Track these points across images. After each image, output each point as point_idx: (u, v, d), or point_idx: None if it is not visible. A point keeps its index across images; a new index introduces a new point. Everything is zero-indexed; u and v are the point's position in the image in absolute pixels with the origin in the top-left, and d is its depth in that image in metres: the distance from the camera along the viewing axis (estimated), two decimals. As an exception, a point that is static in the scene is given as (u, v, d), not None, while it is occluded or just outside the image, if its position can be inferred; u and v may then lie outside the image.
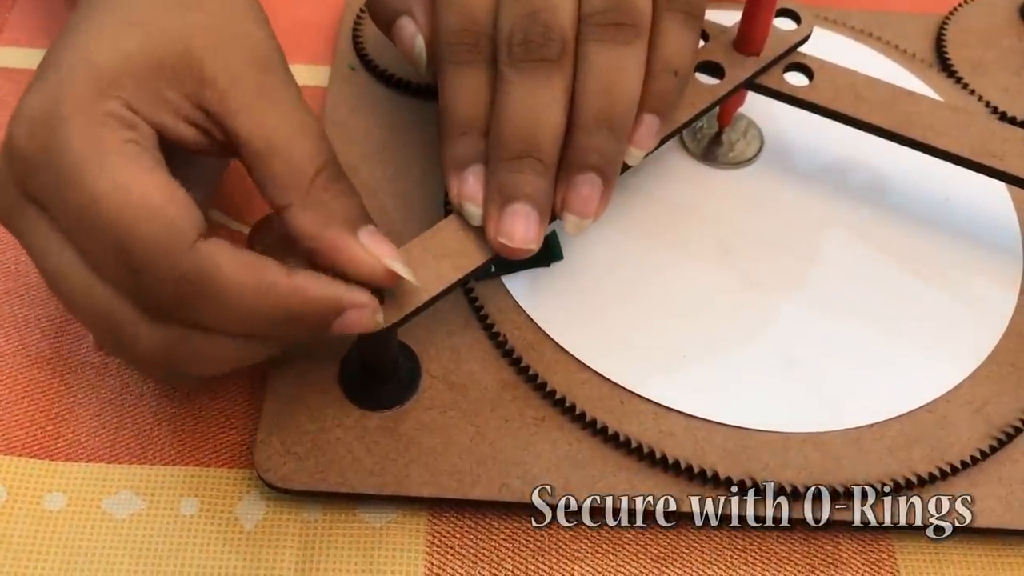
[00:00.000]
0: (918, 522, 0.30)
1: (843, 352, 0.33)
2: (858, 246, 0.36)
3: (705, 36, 0.35)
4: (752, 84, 0.35)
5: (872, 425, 0.32)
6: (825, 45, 0.40)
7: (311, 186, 0.27)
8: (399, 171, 0.38)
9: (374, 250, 0.27)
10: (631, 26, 0.29)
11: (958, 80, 0.42)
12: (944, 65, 0.42)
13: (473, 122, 0.30)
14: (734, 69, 0.34)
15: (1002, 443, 0.31)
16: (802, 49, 0.36)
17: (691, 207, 0.37)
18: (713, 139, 0.38)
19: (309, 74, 0.42)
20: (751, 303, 0.34)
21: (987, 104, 0.41)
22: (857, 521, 0.30)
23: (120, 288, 0.26)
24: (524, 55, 0.29)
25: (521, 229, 0.29)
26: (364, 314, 0.27)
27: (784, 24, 0.36)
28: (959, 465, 0.31)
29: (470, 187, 0.30)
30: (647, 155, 0.31)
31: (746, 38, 0.34)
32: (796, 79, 0.35)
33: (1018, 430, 0.32)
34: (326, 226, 0.27)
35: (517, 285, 0.34)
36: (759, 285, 0.35)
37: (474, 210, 0.29)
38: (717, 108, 0.37)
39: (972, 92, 0.41)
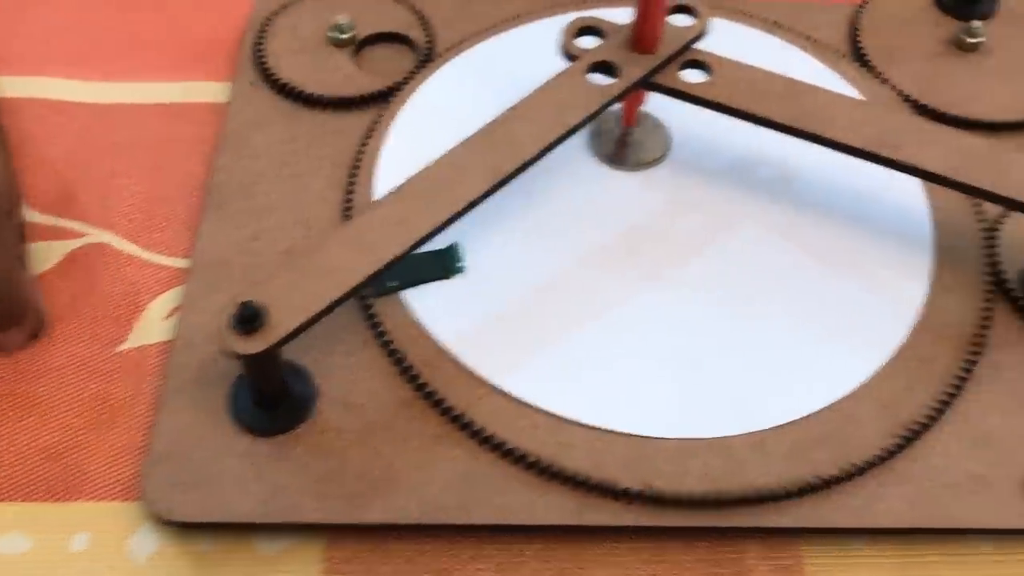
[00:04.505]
0: (824, 525, 0.30)
1: (749, 353, 0.32)
2: (767, 243, 0.35)
3: (601, 34, 0.35)
4: (648, 83, 0.34)
5: (777, 427, 0.31)
6: (735, 39, 0.40)
7: None
8: (298, 186, 0.37)
9: None
10: None
11: (871, 69, 0.41)
12: (858, 54, 0.42)
13: None
14: (628, 68, 0.34)
15: (908, 440, 0.31)
16: (705, 45, 0.35)
17: (598, 211, 0.36)
18: (619, 140, 0.38)
19: (212, 91, 0.41)
20: (655, 306, 0.33)
21: (900, 92, 0.40)
22: (762, 526, 0.30)
23: None
24: None
25: None
26: None
27: (682, 20, 0.35)
28: (864, 465, 0.30)
29: None
30: None
31: (640, 36, 0.33)
32: (694, 76, 0.34)
33: (925, 426, 0.31)
34: None
35: (418, 300, 0.33)
36: (665, 288, 0.34)
37: None
38: (620, 109, 0.37)
39: (885, 81, 0.40)
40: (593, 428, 0.31)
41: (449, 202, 0.30)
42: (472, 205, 0.31)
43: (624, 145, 0.38)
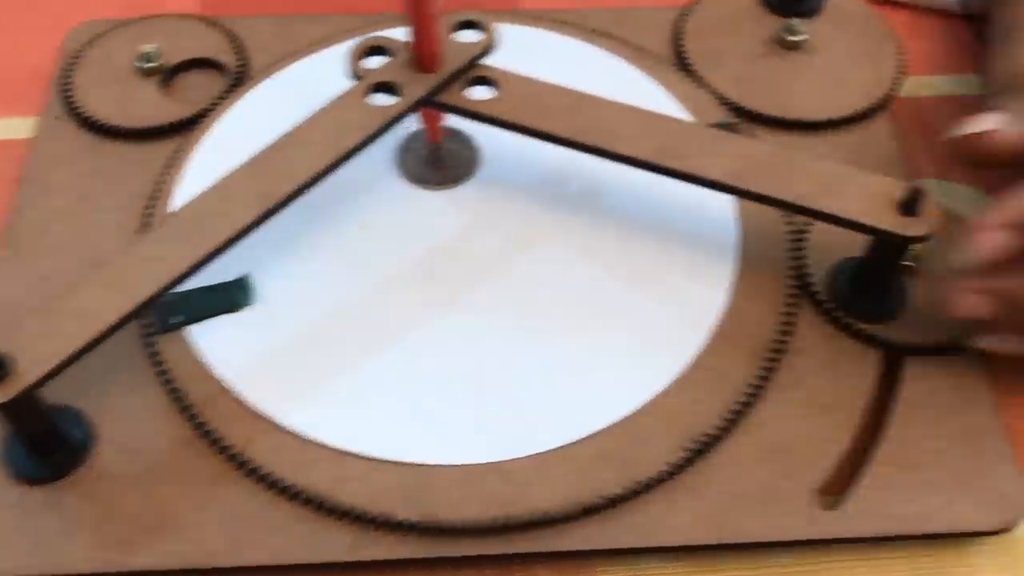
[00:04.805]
0: (612, 546, 0.29)
1: (538, 374, 0.32)
2: (568, 261, 0.35)
3: (386, 53, 0.34)
4: (431, 102, 0.33)
5: (561, 448, 0.30)
6: (552, 51, 0.39)
7: None
8: (95, 222, 0.36)
9: None
10: None
11: (692, 73, 0.41)
12: (679, 59, 0.41)
13: None
14: (409, 88, 0.33)
15: (698, 454, 0.30)
16: (520, 59, 0.34)
17: (399, 234, 0.35)
18: (426, 158, 0.37)
19: (23, 127, 0.40)
20: (446, 332, 0.33)
21: (719, 96, 0.40)
22: (549, 550, 0.29)
23: None
24: None
25: None
26: None
27: (469, 36, 0.34)
28: (649, 482, 0.30)
29: None
30: None
31: (419, 55, 0.33)
32: (482, 93, 0.34)
33: (715, 438, 0.31)
34: None
35: (203, 336, 0.32)
36: (458, 312, 0.33)
37: None
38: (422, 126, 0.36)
39: (706, 84, 0.40)
40: (372, 459, 0.30)
41: (212, 235, 0.30)
42: (240, 236, 0.30)
43: (431, 163, 0.37)
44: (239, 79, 0.40)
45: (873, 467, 0.31)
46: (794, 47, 0.41)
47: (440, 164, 0.37)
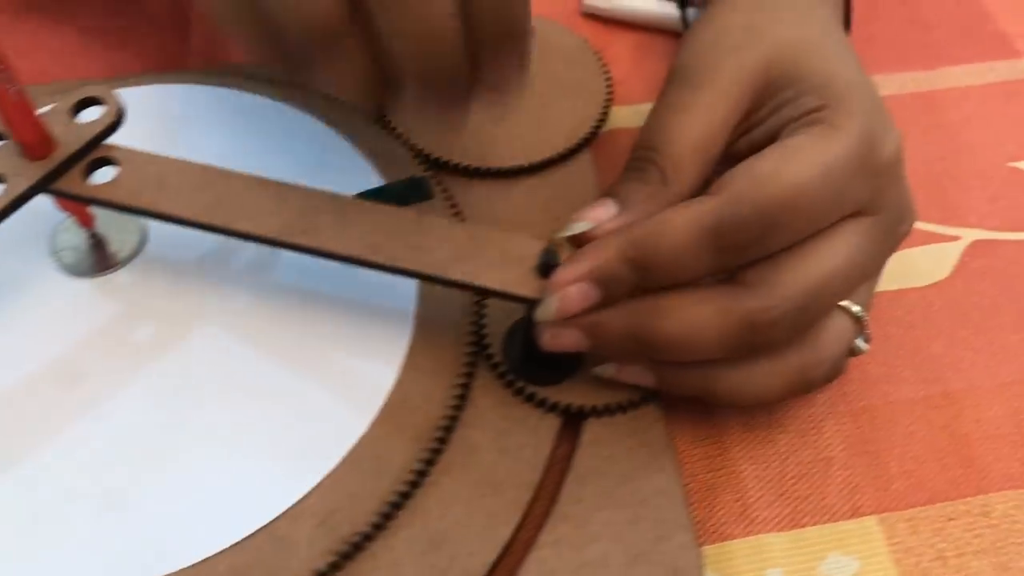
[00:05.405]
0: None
1: (180, 483, 0.29)
2: (229, 346, 0.32)
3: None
4: (46, 190, 0.30)
5: (201, 562, 0.28)
6: (230, 111, 0.37)
7: None
8: None
9: None
10: None
11: (386, 125, 0.38)
12: (378, 110, 0.39)
13: None
14: (15, 179, 0.30)
15: (347, 557, 0.28)
16: (199, 122, 0.31)
17: (47, 330, 0.32)
18: (87, 246, 0.34)
19: None
20: (79, 439, 0.30)
21: (415, 149, 0.37)
22: None
23: None
24: None
25: None
26: None
27: (92, 114, 0.31)
28: (289, 597, 0.27)
29: None
30: None
31: (21, 143, 0.30)
32: (106, 174, 0.31)
33: (368, 537, 0.28)
34: None
35: None
36: (97, 416, 0.30)
37: None
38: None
39: (401, 137, 0.38)
40: (-30, 602, 0.27)
41: None
42: None
43: (86, 250, 0.34)
44: None
45: (539, 550, 0.28)
46: (497, 88, 0.39)
47: (95, 250, 0.34)
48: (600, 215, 0.29)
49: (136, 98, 0.34)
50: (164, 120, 0.37)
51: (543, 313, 0.28)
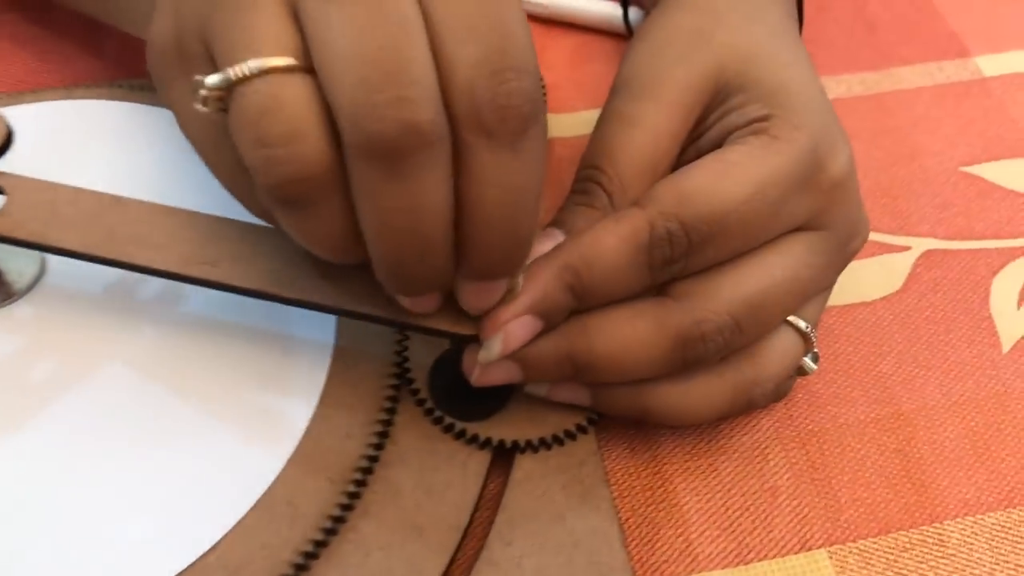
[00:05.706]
0: None
1: (71, 541, 0.27)
2: (131, 384, 0.30)
3: None
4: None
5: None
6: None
7: None
8: None
9: None
10: None
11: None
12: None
13: None
14: None
15: (256, 616, 0.26)
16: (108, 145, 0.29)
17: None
18: (-27, 278, 0.32)
19: None
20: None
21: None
22: None
23: None
24: None
25: None
26: None
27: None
28: (188, 662, 0.25)
29: None
30: None
31: None
32: (-5, 204, 0.29)
33: (279, 594, 0.26)
34: None
35: None
36: (-14, 466, 0.28)
37: None
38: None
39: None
40: None
41: None
42: None
43: (-20, 282, 0.32)
44: None
45: (465, 600, 0.27)
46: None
47: (-9, 282, 0.32)
48: (548, 249, 0.27)
49: (48, 114, 0.32)
50: (85, 137, 0.35)
51: (487, 355, 0.26)
